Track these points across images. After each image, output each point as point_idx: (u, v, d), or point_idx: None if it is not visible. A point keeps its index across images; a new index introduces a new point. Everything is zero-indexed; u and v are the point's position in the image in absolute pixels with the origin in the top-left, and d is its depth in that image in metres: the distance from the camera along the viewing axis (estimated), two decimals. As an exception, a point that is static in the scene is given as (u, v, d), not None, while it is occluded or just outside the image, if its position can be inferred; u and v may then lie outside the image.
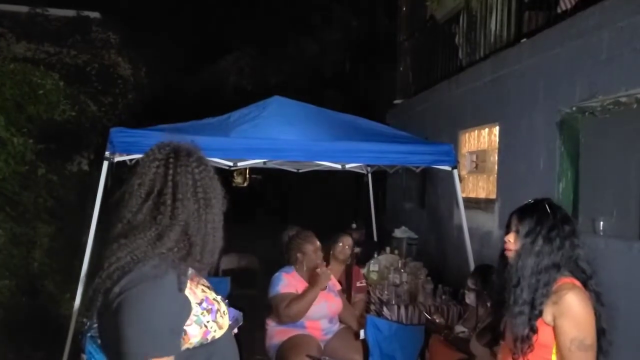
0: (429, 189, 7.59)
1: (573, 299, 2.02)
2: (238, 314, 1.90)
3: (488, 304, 3.51)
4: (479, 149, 6.50)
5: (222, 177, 1.66)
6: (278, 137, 4.41)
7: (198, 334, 1.47)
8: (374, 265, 5.33)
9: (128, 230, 1.48)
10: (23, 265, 5.30)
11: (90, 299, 1.47)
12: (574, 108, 4.35)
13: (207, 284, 1.63)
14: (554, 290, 2.06)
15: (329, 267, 4.43)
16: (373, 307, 4.72)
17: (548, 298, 2.05)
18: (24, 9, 8.50)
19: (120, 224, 1.51)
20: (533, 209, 2.17)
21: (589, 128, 4.30)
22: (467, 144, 6.79)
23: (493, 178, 5.97)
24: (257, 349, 4.01)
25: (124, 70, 8.87)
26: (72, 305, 4.12)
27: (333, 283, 4.19)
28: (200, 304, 1.50)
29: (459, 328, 3.79)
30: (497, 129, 5.84)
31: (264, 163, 5.52)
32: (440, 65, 7.57)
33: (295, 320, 3.82)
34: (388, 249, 5.69)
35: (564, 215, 2.18)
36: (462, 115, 6.69)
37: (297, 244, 4.05)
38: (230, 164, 4.94)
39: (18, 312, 4.98)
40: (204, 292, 1.55)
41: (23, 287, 5.20)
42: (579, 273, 2.12)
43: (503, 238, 2.23)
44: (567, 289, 2.04)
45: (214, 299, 1.56)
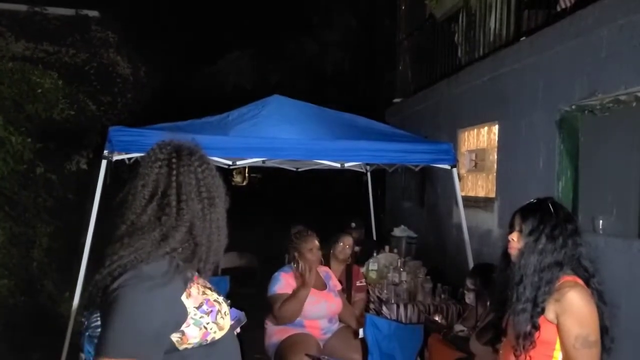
0: (428, 188, 7.59)
1: (575, 297, 2.04)
2: (240, 314, 1.89)
3: (487, 303, 3.51)
4: (478, 148, 6.49)
5: (221, 176, 1.65)
6: (277, 136, 4.40)
7: (197, 335, 1.46)
8: (373, 264, 5.32)
9: (132, 232, 1.47)
10: (22, 265, 5.29)
11: (90, 296, 1.46)
12: (574, 106, 4.34)
13: (208, 286, 1.61)
14: (557, 288, 2.08)
15: (330, 266, 4.43)
16: (372, 306, 4.72)
17: (550, 296, 2.07)
18: (23, 8, 8.47)
19: (124, 225, 1.49)
20: (536, 208, 2.20)
21: (589, 126, 4.29)
22: (466, 143, 6.79)
23: (492, 177, 5.97)
24: (256, 348, 4.00)
25: (123, 70, 8.85)
26: (71, 305, 4.12)
27: (334, 283, 4.18)
28: (200, 308, 1.48)
29: (458, 327, 3.79)
30: (496, 128, 5.84)
31: (263, 162, 5.51)
32: (440, 64, 7.56)
33: (291, 321, 3.82)
34: (387, 248, 5.67)
35: (567, 214, 2.20)
36: (461, 114, 6.69)
37: (294, 243, 4.05)
38: (230, 163, 4.94)
39: (17, 311, 4.98)
40: (205, 294, 1.53)
41: (22, 286, 5.20)
42: (582, 271, 2.14)
43: (504, 237, 2.25)
44: (569, 287, 2.06)
45: (215, 300, 1.55)
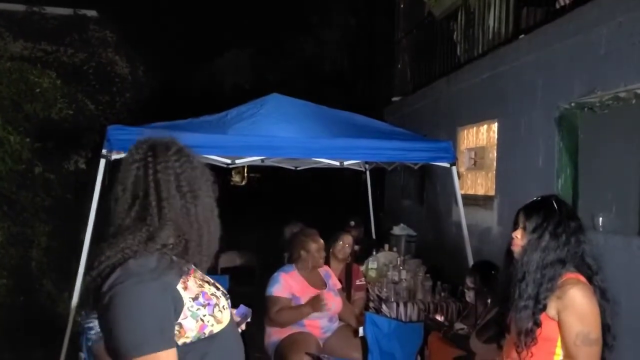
0: (428, 186, 7.58)
1: (576, 294, 2.04)
2: (247, 311, 1.90)
3: (487, 301, 3.51)
4: (478, 146, 6.49)
5: (219, 175, 1.64)
6: (276, 134, 4.39)
7: (194, 328, 1.45)
8: (373, 263, 5.32)
9: (119, 233, 1.48)
10: (20, 265, 5.28)
11: (84, 298, 1.47)
12: (573, 104, 4.34)
13: (207, 279, 1.61)
14: (559, 286, 2.08)
15: (329, 265, 4.42)
16: (372, 304, 4.71)
17: (552, 293, 2.08)
18: (21, 8, 8.45)
19: (112, 227, 1.51)
20: (540, 205, 2.21)
21: (588, 124, 4.28)
22: (465, 141, 6.78)
23: (492, 175, 5.96)
24: (256, 347, 3.99)
25: (122, 69, 8.82)
26: (69, 304, 4.10)
27: (334, 282, 4.17)
28: (196, 299, 1.48)
29: (458, 325, 3.78)
30: (495, 126, 5.83)
31: (262, 161, 5.50)
32: (439, 62, 7.55)
33: (283, 327, 3.83)
34: (386, 247, 5.67)
35: (571, 212, 2.22)
36: (460, 112, 6.68)
37: (300, 242, 4.00)
38: (229, 162, 4.92)
39: (16, 311, 4.97)
40: (201, 287, 1.53)
41: (21, 286, 5.19)
42: (585, 269, 2.15)
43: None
44: (571, 284, 2.07)
45: (213, 294, 1.54)
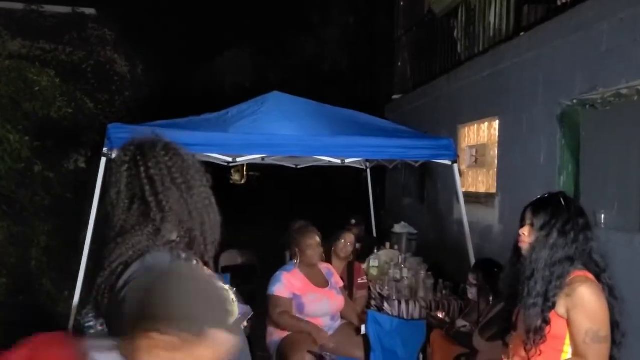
0: (429, 184, 7.57)
1: (585, 291, 2.04)
2: (247, 308, 1.92)
3: (490, 299, 3.50)
4: (479, 143, 6.47)
5: (218, 175, 1.64)
6: (277, 132, 4.38)
7: None
8: (374, 261, 5.30)
9: (124, 233, 1.49)
10: (20, 264, 5.27)
11: (95, 300, 1.45)
12: (574, 101, 4.32)
13: (210, 273, 1.62)
14: (568, 283, 2.08)
15: (331, 264, 4.41)
16: (374, 302, 4.70)
17: (561, 290, 2.07)
18: (19, 6, 8.42)
19: (113, 231, 1.51)
20: (548, 203, 2.20)
21: (590, 121, 4.27)
22: (466, 138, 6.77)
23: (493, 172, 5.95)
24: (258, 346, 3.98)
25: (121, 67, 8.80)
26: (70, 304, 4.09)
27: (335, 280, 4.17)
28: None
29: (460, 322, 3.77)
30: (496, 123, 5.82)
31: (263, 159, 5.48)
32: (439, 60, 7.53)
33: (282, 330, 3.86)
34: (388, 245, 5.66)
35: (578, 209, 2.21)
36: (461, 110, 6.66)
37: (295, 239, 4.03)
38: (229, 160, 4.91)
39: (15, 310, 4.95)
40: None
41: (20, 285, 5.17)
42: (593, 266, 2.14)
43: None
44: (579, 282, 2.06)
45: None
